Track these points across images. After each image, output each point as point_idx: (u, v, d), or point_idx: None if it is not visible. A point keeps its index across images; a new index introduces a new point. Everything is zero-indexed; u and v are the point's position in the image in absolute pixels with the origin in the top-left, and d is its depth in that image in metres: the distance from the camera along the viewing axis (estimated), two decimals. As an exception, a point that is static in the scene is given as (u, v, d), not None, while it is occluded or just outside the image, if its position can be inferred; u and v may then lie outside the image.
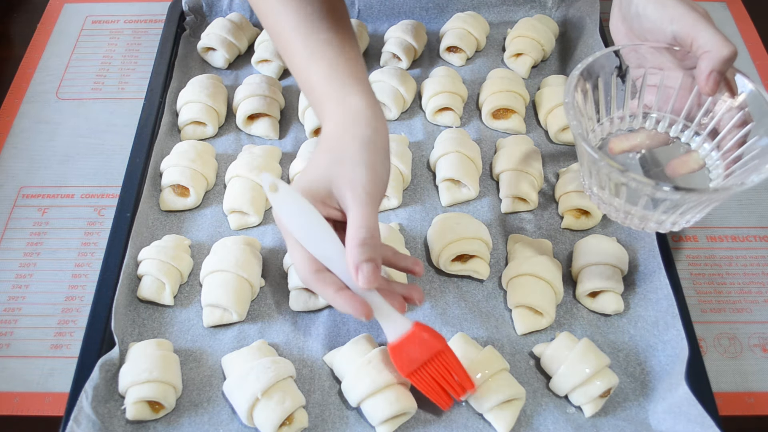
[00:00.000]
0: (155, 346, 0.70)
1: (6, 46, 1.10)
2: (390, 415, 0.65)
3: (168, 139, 0.91)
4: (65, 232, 0.87)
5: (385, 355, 0.68)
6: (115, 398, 0.68)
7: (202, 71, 1.01)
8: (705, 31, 0.63)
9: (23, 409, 0.73)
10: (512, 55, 1.02)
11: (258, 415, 0.66)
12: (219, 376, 0.71)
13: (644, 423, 0.68)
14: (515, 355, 0.73)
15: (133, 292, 0.77)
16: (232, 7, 1.06)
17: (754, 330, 0.79)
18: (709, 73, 0.63)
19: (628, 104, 0.72)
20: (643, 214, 0.65)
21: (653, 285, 0.75)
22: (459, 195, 0.86)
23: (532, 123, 0.95)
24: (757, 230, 0.88)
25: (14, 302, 0.81)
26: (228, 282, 0.74)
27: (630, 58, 0.70)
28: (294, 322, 0.76)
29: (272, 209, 0.65)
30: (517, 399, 0.68)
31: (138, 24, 1.13)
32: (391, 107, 0.94)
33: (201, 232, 0.84)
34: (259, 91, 0.93)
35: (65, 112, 1.00)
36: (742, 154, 0.65)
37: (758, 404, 0.74)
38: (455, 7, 1.07)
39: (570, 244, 0.82)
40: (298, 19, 0.68)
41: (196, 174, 0.85)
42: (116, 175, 0.91)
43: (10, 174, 0.93)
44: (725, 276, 0.84)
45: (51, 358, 0.77)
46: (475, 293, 0.78)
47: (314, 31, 0.68)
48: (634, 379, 0.72)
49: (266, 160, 0.86)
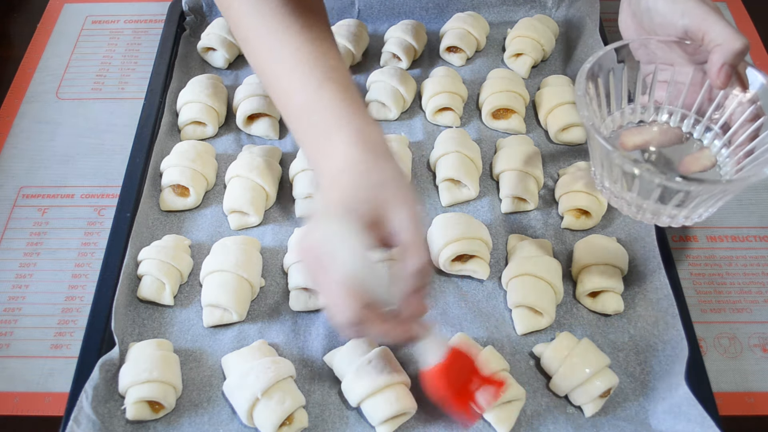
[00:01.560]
0: (155, 346, 0.70)
1: (6, 46, 1.10)
2: (390, 415, 0.65)
3: (168, 139, 0.91)
4: (65, 232, 0.87)
5: (386, 355, 0.68)
6: (115, 398, 0.68)
7: (202, 71, 1.01)
8: (716, 24, 0.62)
9: (23, 409, 0.73)
10: (512, 55, 1.02)
11: (258, 415, 0.66)
12: (219, 376, 0.71)
13: (644, 423, 0.68)
14: (515, 355, 0.73)
15: (133, 292, 0.77)
16: (232, 7, 1.06)
17: (754, 330, 0.79)
18: (720, 66, 0.62)
19: (639, 98, 0.72)
20: (656, 208, 0.64)
21: (653, 285, 0.75)
22: (459, 195, 0.86)
23: (532, 123, 0.95)
24: (757, 230, 0.88)
25: (14, 302, 0.81)
26: (228, 282, 0.74)
27: (640, 54, 0.70)
28: (294, 322, 0.76)
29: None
30: (517, 399, 0.68)
31: (138, 24, 1.13)
32: (391, 107, 0.94)
33: (201, 232, 0.84)
34: (259, 91, 0.93)
35: (65, 112, 1.00)
36: (755, 148, 0.65)
37: (758, 404, 0.74)
38: (455, 7, 1.07)
39: (570, 244, 0.82)
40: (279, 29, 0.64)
41: (196, 174, 0.85)
42: (116, 175, 0.91)
43: (10, 174, 0.93)
44: (725, 276, 0.84)
45: (51, 358, 0.77)
46: (475, 293, 0.78)
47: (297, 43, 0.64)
48: (634, 379, 0.72)
49: (266, 160, 0.86)
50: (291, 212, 0.86)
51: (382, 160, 0.59)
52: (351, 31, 1.00)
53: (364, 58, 1.04)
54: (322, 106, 0.62)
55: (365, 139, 0.60)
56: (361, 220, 0.57)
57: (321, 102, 0.62)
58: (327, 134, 0.61)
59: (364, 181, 0.58)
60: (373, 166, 0.58)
